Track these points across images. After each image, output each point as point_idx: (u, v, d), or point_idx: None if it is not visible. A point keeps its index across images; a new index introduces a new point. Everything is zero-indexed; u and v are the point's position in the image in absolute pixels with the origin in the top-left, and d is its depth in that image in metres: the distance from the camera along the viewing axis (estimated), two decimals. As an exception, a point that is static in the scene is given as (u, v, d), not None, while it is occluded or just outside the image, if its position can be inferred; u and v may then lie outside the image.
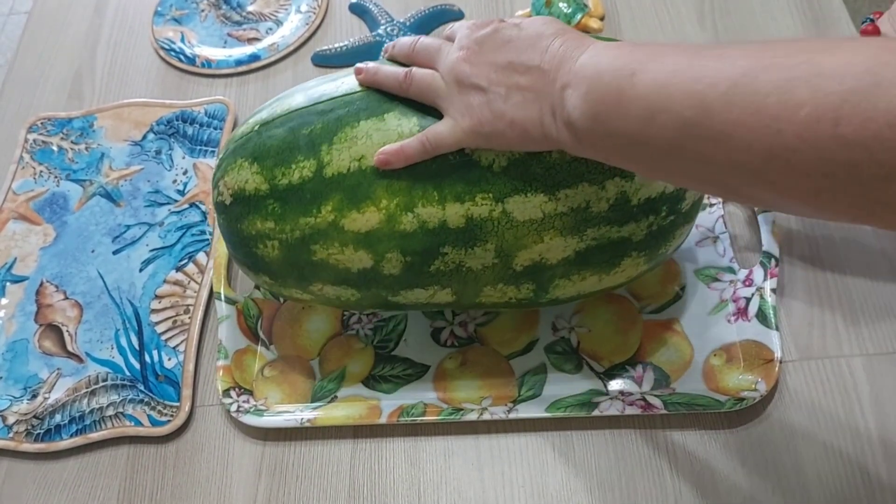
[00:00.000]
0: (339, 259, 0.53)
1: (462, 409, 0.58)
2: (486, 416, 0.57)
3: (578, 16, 0.77)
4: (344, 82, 0.54)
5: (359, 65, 0.54)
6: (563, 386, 0.59)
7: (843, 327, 0.59)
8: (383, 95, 0.53)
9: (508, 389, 0.60)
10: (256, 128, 0.55)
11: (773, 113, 0.33)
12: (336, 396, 0.61)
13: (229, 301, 0.65)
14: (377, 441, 0.59)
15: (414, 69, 0.51)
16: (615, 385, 0.59)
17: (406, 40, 0.55)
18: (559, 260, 0.53)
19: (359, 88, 0.54)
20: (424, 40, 0.53)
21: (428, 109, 0.51)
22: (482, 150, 0.50)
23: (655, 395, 0.57)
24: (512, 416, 0.57)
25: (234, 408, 0.60)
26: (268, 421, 0.59)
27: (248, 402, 0.61)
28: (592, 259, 0.53)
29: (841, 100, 0.31)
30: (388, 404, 0.60)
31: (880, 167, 0.30)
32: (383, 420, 0.58)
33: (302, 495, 0.58)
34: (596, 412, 0.56)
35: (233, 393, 0.61)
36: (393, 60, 0.55)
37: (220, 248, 0.68)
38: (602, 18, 0.79)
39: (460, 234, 0.51)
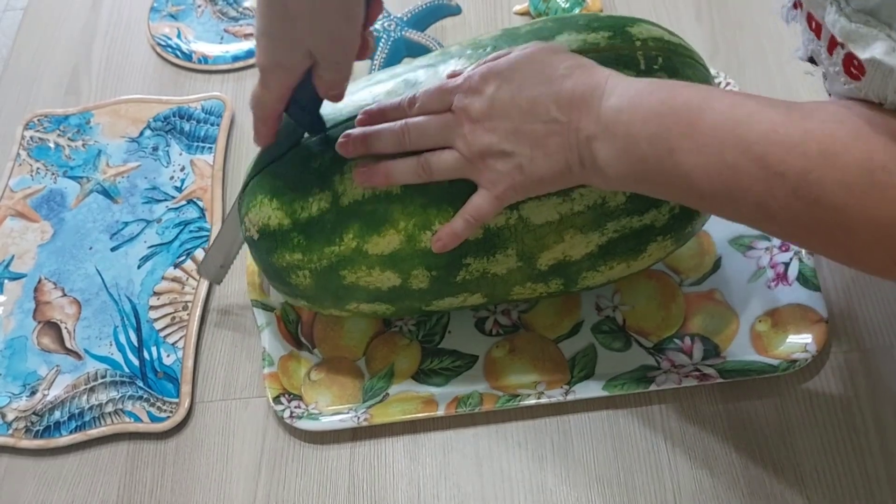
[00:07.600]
0: (369, 281, 0.54)
1: (518, 396, 0.58)
2: (544, 400, 0.57)
3: (576, 10, 0.77)
4: (346, 102, 0.55)
5: (363, 172, 0.51)
6: (615, 364, 0.59)
7: (840, 322, 0.60)
8: None
9: (560, 372, 0.60)
10: None
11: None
12: (388, 394, 0.61)
13: (266, 308, 0.64)
14: (377, 436, 0.59)
15: (426, 155, 0.50)
16: (666, 359, 0.59)
17: (390, 131, 0.51)
18: (583, 255, 0.53)
19: (361, 108, 0.54)
20: (418, 125, 0.50)
21: None
22: None
23: (708, 366, 0.58)
24: (570, 397, 0.57)
25: (286, 414, 0.59)
26: (325, 424, 0.59)
27: (299, 407, 0.60)
28: (617, 249, 0.54)
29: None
30: (443, 397, 0.60)
31: None
32: (441, 412, 0.58)
33: (302, 491, 0.58)
34: (653, 387, 0.57)
35: (283, 399, 0.60)
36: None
37: (250, 256, 0.66)
38: (600, 13, 0.79)
39: (480, 244, 0.52)
